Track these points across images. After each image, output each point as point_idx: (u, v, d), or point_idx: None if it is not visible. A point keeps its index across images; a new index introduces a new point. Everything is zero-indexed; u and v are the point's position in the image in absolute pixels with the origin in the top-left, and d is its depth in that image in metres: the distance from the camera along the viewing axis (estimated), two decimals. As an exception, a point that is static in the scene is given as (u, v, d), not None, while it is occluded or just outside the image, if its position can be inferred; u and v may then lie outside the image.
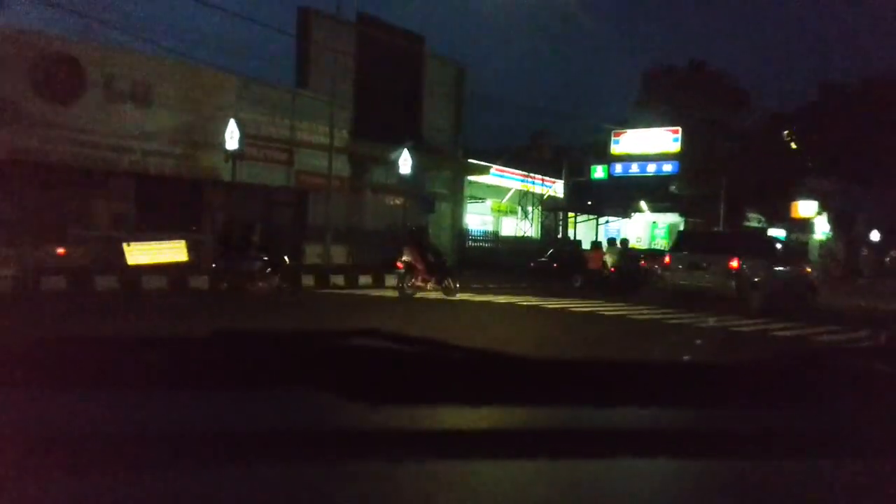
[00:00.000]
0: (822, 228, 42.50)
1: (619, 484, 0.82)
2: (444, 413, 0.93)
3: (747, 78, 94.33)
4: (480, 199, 30.00)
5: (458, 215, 28.89)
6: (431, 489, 0.76)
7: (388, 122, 24.10)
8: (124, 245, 15.55)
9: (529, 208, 30.36)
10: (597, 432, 0.90)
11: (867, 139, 39.11)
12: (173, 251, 16.26)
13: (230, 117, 16.96)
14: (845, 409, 1.02)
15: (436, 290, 14.33)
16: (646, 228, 33.99)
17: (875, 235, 45.92)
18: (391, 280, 17.19)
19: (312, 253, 19.68)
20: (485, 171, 28.93)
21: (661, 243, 33.19)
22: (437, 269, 14.58)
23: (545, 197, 28.59)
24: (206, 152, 17.80)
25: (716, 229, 26.35)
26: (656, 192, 32.39)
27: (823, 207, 40.58)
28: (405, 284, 14.26)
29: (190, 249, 16.86)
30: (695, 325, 11.49)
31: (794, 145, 37.64)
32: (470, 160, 28.72)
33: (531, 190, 28.73)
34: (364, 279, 17.64)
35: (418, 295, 14.49)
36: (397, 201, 21.85)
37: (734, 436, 0.92)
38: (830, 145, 38.43)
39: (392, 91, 25.31)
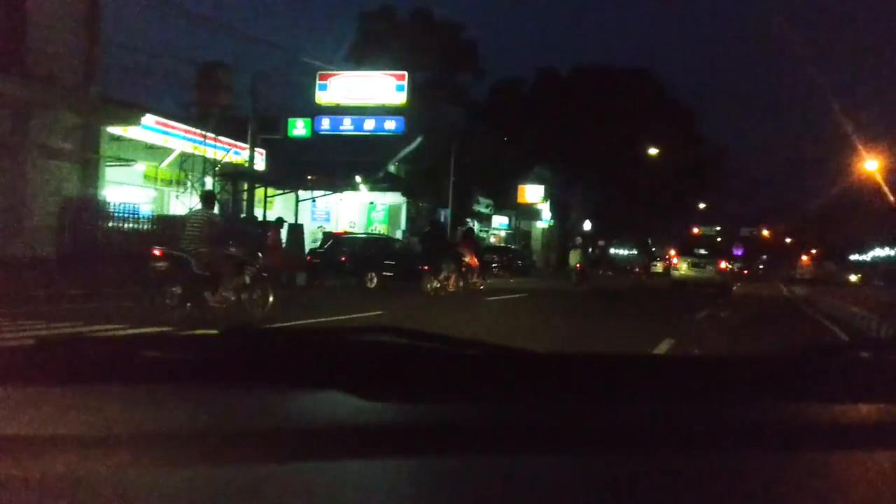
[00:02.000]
0: (546, 216, 40.17)
1: (627, 480, 0.79)
2: (458, 409, 0.91)
3: (485, 47, 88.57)
4: (129, 161, 20.65)
5: (91, 182, 19.26)
6: (445, 484, 0.75)
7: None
8: None
9: (208, 178, 21.65)
10: (616, 428, 0.88)
11: (576, 127, 37.65)
12: None
13: None
14: (854, 401, 1.00)
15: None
16: (362, 210, 27.33)
17: (587, 225, 45.38)
18: None
19: None
20: (133, 119, 19.83)
21: (380, 228, 26.78)
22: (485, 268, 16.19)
23: (221, 162, 20.07)
24: None
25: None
26: (374, 167, 25.89)
27: (547, 194, 38.06)
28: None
29: None
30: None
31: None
32: (111, 102, 19.38)
33: (202, 152, 20.06)
34: None
35: None
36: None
37: (752, 429, 0.91)
38: (546, 131, 35.82)
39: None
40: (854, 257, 67.07)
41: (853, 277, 45.89)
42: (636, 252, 57.51)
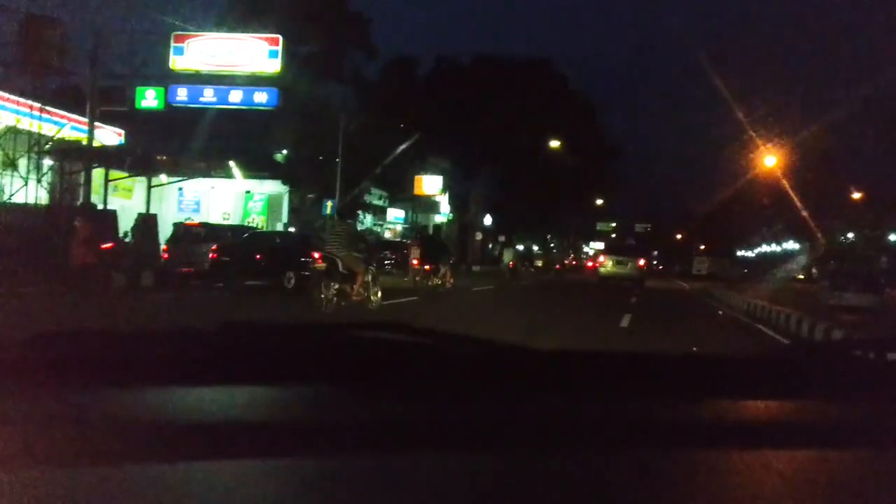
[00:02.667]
0: (445, 209, 38.05)
1: (629, 478, 0.79)
2: (453, 405, 0.91)
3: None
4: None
5: None
6: (438, 480, 0.75)
7: None
8: None
9: (47, 161, 17.91)
10: (611, 425, 0.88)
11: (476, 117, 35.95)
12: None
13: None
14: (854, 400, 1.00)
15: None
16: (238, 200, 24.21)
17: (488, 220, 43.72)
18: None
19: None
20: (-62, 84, 15.99)
21: (258, 220, 23.79)
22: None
23: (53, 139, 16.51)
24: None
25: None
26: (251, 152, 22.82)
27: (446, 186, 35.94)
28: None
29: None
30: None
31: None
32: None
33: (30, 126, 16.40)
34: None
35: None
36: None
37: (748, 426, 0.92)
38: (444, 119, 33.78)
39: None
40: (741, 253, 69.46)
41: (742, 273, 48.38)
42: (539, 248, 56.73)
